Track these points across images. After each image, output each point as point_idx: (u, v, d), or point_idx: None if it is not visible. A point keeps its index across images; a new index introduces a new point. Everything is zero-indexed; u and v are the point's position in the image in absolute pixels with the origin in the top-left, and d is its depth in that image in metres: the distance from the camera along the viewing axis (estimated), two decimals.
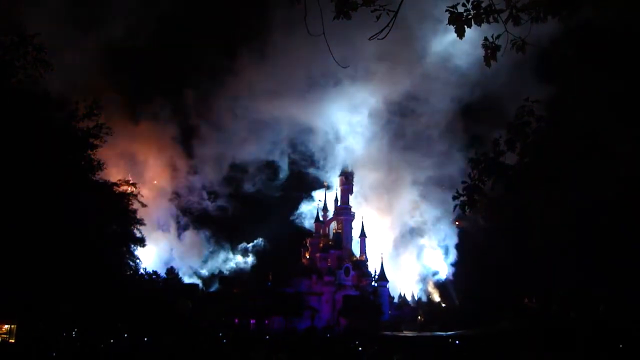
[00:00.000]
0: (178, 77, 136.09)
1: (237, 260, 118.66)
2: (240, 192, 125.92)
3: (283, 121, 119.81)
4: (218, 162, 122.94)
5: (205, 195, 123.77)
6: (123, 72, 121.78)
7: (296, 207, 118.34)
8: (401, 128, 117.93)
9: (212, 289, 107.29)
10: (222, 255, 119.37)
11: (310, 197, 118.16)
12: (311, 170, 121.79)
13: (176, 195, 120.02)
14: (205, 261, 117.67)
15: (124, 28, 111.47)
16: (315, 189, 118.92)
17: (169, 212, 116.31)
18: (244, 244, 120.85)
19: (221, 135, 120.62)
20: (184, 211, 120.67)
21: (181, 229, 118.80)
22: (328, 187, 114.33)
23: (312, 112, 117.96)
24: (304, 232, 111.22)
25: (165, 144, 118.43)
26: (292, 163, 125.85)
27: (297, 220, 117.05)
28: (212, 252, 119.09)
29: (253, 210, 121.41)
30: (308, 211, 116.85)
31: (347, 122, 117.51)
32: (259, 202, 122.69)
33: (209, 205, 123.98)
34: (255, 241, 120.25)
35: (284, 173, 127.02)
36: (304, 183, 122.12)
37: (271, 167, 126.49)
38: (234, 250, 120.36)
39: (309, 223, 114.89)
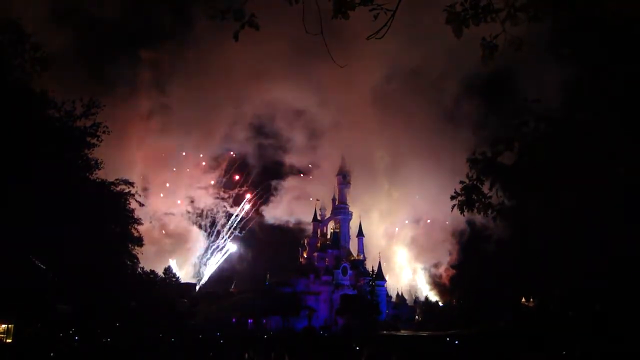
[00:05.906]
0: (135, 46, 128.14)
1: (232, 259, 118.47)
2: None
3: (259, 101, 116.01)
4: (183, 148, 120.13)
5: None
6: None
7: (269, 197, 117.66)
8: (404, 109, 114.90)
9: (209, 289, 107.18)
10: (216, 252, 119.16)
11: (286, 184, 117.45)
12: (287, 157, 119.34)
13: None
14: (199, 259, 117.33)
15: None
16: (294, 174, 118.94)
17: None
18: (237, 240, 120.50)
19: (180, 119, 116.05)
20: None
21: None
22: (302, 173, 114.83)
23: (296, 90, 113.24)
24: (301, 231, 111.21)
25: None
26: (262, 147, 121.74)
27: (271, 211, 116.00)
28: (206, 248, 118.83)
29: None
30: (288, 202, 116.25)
31: (337, 104, 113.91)
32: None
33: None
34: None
35: (257, 159, 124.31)
36: (283, 170, 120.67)
37: (244, 154, 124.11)
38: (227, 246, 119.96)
39: (288, 210, 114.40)
